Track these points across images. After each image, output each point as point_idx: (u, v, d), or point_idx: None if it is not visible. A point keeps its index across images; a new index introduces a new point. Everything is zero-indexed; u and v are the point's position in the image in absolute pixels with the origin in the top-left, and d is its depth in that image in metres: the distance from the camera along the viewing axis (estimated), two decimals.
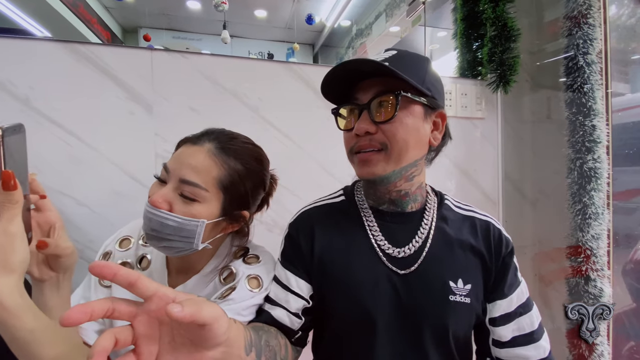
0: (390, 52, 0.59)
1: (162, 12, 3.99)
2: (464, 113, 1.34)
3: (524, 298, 0.64)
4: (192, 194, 0.56)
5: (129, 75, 0.96)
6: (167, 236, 0.56)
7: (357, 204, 0.68)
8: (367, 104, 0.57)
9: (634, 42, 1.28)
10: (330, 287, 0.62)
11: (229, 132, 0.65)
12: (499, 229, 0.66)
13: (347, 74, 0.58)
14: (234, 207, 0.62)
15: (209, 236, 0.61)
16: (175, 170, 0.58)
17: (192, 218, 0.56)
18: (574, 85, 1.14)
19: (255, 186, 0.65)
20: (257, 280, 0.64)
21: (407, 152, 0.57)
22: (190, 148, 0.60)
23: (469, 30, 1.43)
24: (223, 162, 0.59)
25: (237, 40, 4.65)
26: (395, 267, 0.61)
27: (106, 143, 0.94)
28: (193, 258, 0.64)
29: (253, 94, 1.06)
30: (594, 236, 1.11)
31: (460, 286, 0.60)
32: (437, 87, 0.60)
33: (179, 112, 0.99)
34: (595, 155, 1.10)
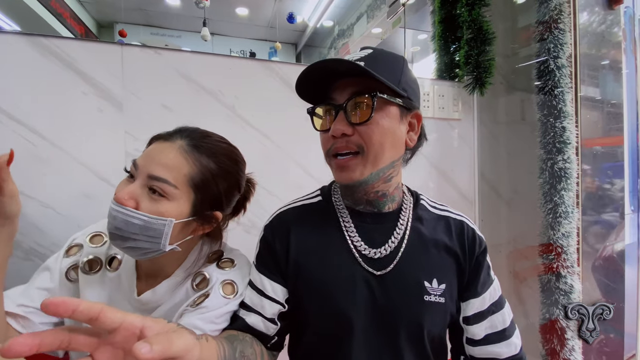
0: (366, 51, 0.58)
1: (140, 8, 3.87)
2: (442, 114, 1.36)
3: (496, 296, 0.65)
4: (161, 190, 0.54)
5: (97, 71, 0.92)
6: (133, 235, 0.53)
7: (334, 204, 0.67)
8: (343, 105, 0.56)
9: (604, 48, 1.33)
10: (305, 290, 0.62)
11: (203, 131, 0.63)
12: (472, 229, 0.67)
13: (322, 73, 0.57)
14: (205, 207, 0.60)
15: (178, 237, 0.58)
16: (144, 166, 0.55)
17: (160, 216, 0.54)
18: (545, 88, 1.17)
19: (230, 187, 0.63)
20: (232, 286, 0.62)
21: (383, 154, 0.57)
22: (161, 144, 0.58)
23: (446, 33, 1.46)
24: (195, 160, 0.57)
25: (218, 38, 4.57)
26: (372, 269, 0.60)
27: (73, 142, 0.90)
28: (163, 261, 0.62)
29: (229, 92, 1.03)
30: (564, 234, 1.15)
31: (435, 286, 0.60)
32: (413, 87, 0.60)
33: (150, 109, 0.96)
34: (565, 156, 1.14)
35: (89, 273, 0.64)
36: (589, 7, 1.27)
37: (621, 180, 1.41)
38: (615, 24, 1.34)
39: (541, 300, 1.22)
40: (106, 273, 0.64)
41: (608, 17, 1.31)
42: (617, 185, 1.41)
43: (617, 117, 1.38)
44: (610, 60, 1.33)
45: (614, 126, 1.38)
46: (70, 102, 0.89)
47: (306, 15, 4.08)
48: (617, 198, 1.42)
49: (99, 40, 1.82)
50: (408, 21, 2.17)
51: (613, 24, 1.33)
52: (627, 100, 1.44)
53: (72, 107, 0.90)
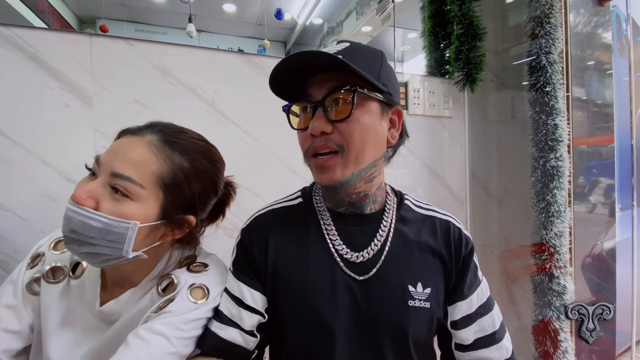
0: (343, 45, 0.55)
1: (122, 3, 3.75)
2: (432, 112, 1.32)
3: (484, 298, 0.63)
4: (125, 189, 0.49)
5: (64, 64, 0.85)
6: (90, 240, 0.48)
7: (314, 206, 0.64)
8: (321, 101, 0.53)
9: (589, 49, 1.32)
10: (285, 297, 0.58)
11: (178, 126, 0.58)
12: (458, 228, 0.64)
13: (297, 67, 0.53)
14: (176, 210, 0.54)
15: (144, 243, 0.53)
16: (108, 162, 0.50)
17: (122, 219, 0.48)
18: (537, 84, 1.15)
19: (205, 189, 0.58)
20: (203, 290, 0.56)
21: (364, 152, 0.54)
22: (128, 139, 0.53)
23: (436, 29, 1.42)
24: (166, 157, 0.52)
25: (205, 35, 4.47)
26: (354, 273, 0.58)
27: (36, 140, 0.82)
28: (128, 269, 0.56)
29: (209, 87, 0.97)
30: (556, 234, 1.13)
31: (419, 290, 0.58)
32: (392, 82, 0.57)
33: (122, 105, 0.89)
34: (558, 154, 1.12)
35: (53, 282, 0.58)
36: (579, 3, 1.25)
37: (607, 179, 1.41)
38: (602, 23, 1.32)
39: (534, 301, 1.20)
40: (70, 281, 0.59)
41: (594, 18, 1.30)
42: (602, 184, 1.40)
43: (602, 116, 1.37)
44: (596, 60, 1.32)
45: (599, 125, 1.37)
46: (33, 97, 0.82)
47: (295, 13, 4.02)
48: (605, 196, 1.41)
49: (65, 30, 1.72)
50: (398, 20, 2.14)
51: (600, 24, 1.32)
52: (616, 99, 1.43)
53: (36, 102, 0.82)
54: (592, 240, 1.37)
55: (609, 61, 1.38)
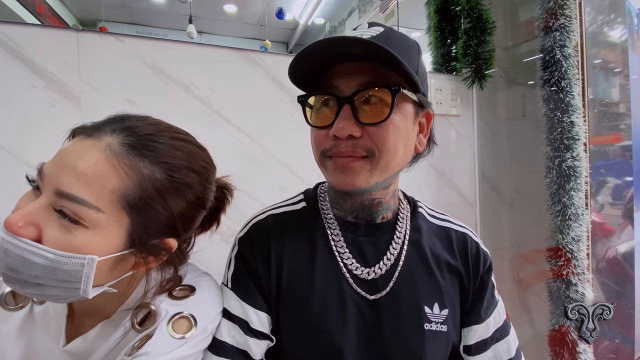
0: (377, 29, 0.46)
1: (123, 5, 3.73)
2: (440, 110, 1.26)
3: (501, 320, 0.57)
4: (75, 214, 0.38)
5: (50, 61, 0.80)
6: (34, 279, 0.37)
7: (320, 212, 0.56)
8: (350, 98, 0.44)
9: (595, 48, 1.26)
10: (289, 317, 0.51)
11: (153, 122, 0.46)
12: (476, 243, 0.58)
13: (327, 55, 0.45)
14: (149, 235, 0.43)
15: (110, 277, 0.42)
16: (52, 176, 0.39)
17: (73, 253, 0.37)
18: (552, 79, 1.08)
19: (189, 205, 0.46)
20: (188, 321, 0.45)
21: (394, 161, 0.47)
22: (82, 142, 0.41)
23: (442, 24, 1.37)
24: (130, 168, 0.40)
25: (206, 36, 4.45)
26: (364, 292, 0.51)
27: (18, 141, 0.78)
28: (98, 300, 0.44)
29: (204, 84, 0.92)
30: (574, 238, 1.06)
31: (436, 312, 0.52)
32: (426, 79, 0.51)
33: (112, 104, 0.84)
34: (574, 153, 1.05)
35: (13, 309, 0.48)
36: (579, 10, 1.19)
37: (614, 179, 1.34)
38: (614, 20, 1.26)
39: (550, 309, 1.13)
40: (34, 307, 0.49)
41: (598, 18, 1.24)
42: (610, 184, 1.34)
43: (609, 115, 1.30)
44: (602, 59, 1.26)
45: (606, 124, 1.31)
46: (16, 96, 0.78)
47: (297, 13, 3.98)
48: (619, 197, 1.35)
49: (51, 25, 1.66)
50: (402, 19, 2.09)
51: (611, 20, 1.26)
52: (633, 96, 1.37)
53: (19, 102, 0.78)
54: (606, 243, 1.31)
55: (620, 58, 1.32)
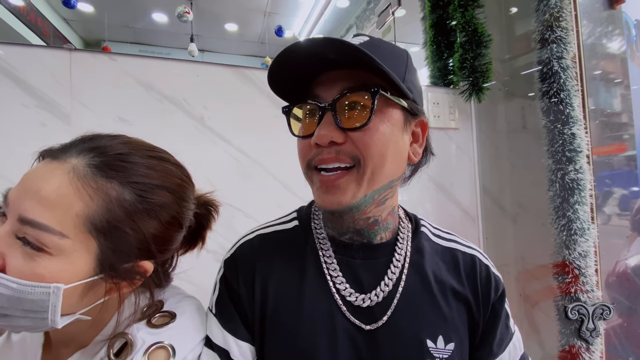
0: (362, 38, 0.46)
1: (126, 25, 3.82)
2: (438, 123, 1.25)
3: (517, 356, 0.51)
4: (38, 240, 0.36)
5: (41, 80, 0.80)
6: (0, 310, 0.36)
7: (313, 232, 0.53)
8: (332, 104, 0.43)
9: (594, 60, 1.26)
10: (274, 348, 0.47)
11: (124, 140, 0.45)
12: (486, 266, 0.53)
13: (304, 60, 0.43)
14: (120, 259, 0.41)
15: (81, 304, 0.40)
16: (15, 201, 0.38)
17: (37, 282, 0.36)
18: (550, 91, 1.07)
19: (163, 227, 0.44)
20: (166, 351, 0.43)
21: (382, 170, 0.44)
22: (46, 165, 0.40)
23: (438, 38, 1.37)
24: (95, 191, 0.39)
25: (208, 54, 4.53)
26: (359, 321, 0.47)
27: (8, 161, 0.76)
28: (73, 329, 0.43)
29: (197, 101, 0.91)
30: (581, 254, 1.02)
31: (440, 346, 0.46)
32: (417, 87, 0.48)
33: (104, 123, 0.83)
34: (577, 166, 1.02)
35: None
36: (590, 6, 1.19)
37: (626, 190, 1.31)
38: (612, 31, 1.26)
39: (559, 329, 1.08)
40: (11, 335, 0.48)
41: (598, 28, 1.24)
42: (617, 194, 1.30)
43: (612, 126, 1.28)
44: (603, 70, 1.25)
45: (608, 135, 1.29)
46: (6, 115, 0.77)
47: (296, 30, 4.05)
48: (626, 208, 1.31)
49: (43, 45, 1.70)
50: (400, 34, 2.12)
51: (609, 32, 1.25)
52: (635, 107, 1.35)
53: (9, 121, 0.77)
54: (614, 256, 1.26)
55: (620, 69, 1.31)
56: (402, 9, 1.93)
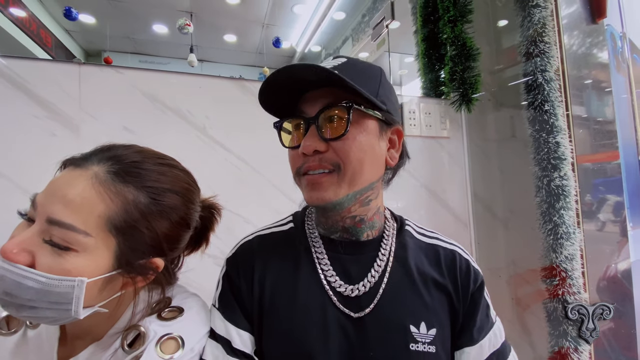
0: (340, 60, 0.53)
1: (127, 36, 3.89)
2: (429, 132, 1.30)
3: (498, 344, 0.55)
4: (65, 240, 0.41)
5: (51, 92, 0.84)
6: (29, 302, 0.40)
7: (306, 232, 0.59)
8: (314, 118, 0.50)
9: (586, 69, 1.32)
10: (271, 336, 0.52)
11: (138, 150, 0.49)
12: (466, 260, 0.58)
13: (289, 82, 0.50)
14: (136, 256, 0.46)
15: (100, 297, 0.45)
16: (44, 204, 0.42)
17: (65, 276, 0.40)
18: (535, 102, 1.12)
19: (173, 226, 0.49)
20: (176, 342, 0.47)
21: (362, 173, 0.50)
22: (70, 173, 0.44)
23: (430, 51, 1.43)
24: (114, 194, 0.43)
25: (207, 64, 4.60)
26: (348, 309, 0.52)
27: (20, 170, 0.80)
28: (89, 322, 0.47)
29: (199, 112, 0.96)
30: (567, 257, 1.06)
31: (422, 331, 0.51)
32: (392, 100, 0.54)
33: (110, 132, 0.87)
34: (562, 173, 1.07)
35: (6, 333, 0.51)
36: (572, 22, 1.25)
37: (615, 196, 1.36)
38: (597, 42, 1.33)
39: (549, 331, 1.11)
40: (27, 331, 0.52)
41: (587, 39, 1.30)
42: (611, 201, 1.35)
43: (605, 133, 1.34)
44: (593, 78, 1.31)
45: (602, 142, 1.34)
46: (18, 126, 0.81)
47: (294, 41, 4.14)
48: (615, 214, 1.36)
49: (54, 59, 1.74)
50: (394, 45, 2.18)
51: (595, 43, 1.32)
52: (618, 116, 1.41)
53: (21, 131, 0.81)
54: (605, 261, 1.30)
55: (606, 79, 1.37)
56: (396, 22, 2.00)
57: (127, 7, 3.34)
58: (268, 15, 3.62)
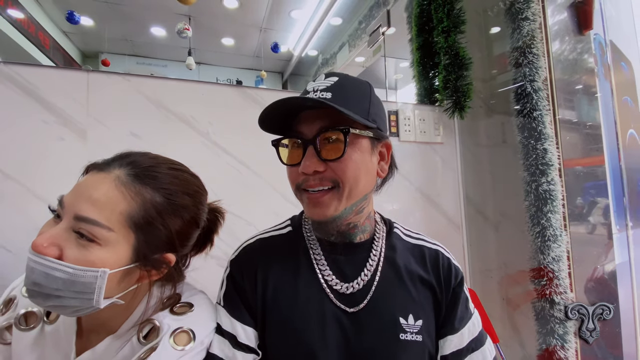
0: (332, 79, 0.56)
1: (125, 38, 3.91)
2: (424, 138, 1.35)
3: (476, 332, 0.61)
4: (91, 233, 0.45)
5: (59, 98, 0.87)
6: (55, 292, 0.44)
7: (304, 235, 0.64)
8: (313, 140, 0.53)
9: (577, 74, 1.38)
10: (272, 330, 0.57)
11: (152, 156, 0.54)
12: (447, 258, 0.64)
13: (287, 109, 0.54)
14: (152, 250, 0.50)
15: (118, 289, 0.49)
16: (71, 203, 0.46)
17: (89, 267, 0.45)
18: (524, 110, 1.18)
19: (184, 224, 0.54)
20: (188, 335, 0.52)
21: (357, 187, 0.55)
22: (94, 176, 0.49)
23: (424, 59, 1.48)
24: (134, 194, 0.48)
25: (204, 67, 4.62)
26: (344, 305, 0.57)
27: (29, 173, 0.83)
28: (105, 315, 0.52)
29: (203, 118, 1.00)
30: (554, 258, 1.11)
31: (411, 323, 0.57)
32: (380, 115, 0.59)
33: (117, 137, 0.90)
34: (549, 178, 1.12)
35: (25, 329, 0.54)
36: (560, 33, 1.31)
37: (603, 199, 1.41)
38: (586, 50, 1.38)
39: (536, 329, 1.16)
40: (44, 327, 0.55)
41: (579, 45, 1.36)
42: (600, 204, 1.40)
43: (595, 137, 1.39)
44: (583, 85, 1.37)
45: (592, 146, 1.39)
46: (28, 131, 0.84)
47: (291, 45, 4.18)
48: (604, 217, 1.41)
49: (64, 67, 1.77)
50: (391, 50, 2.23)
51: (584, 50, 1.38)
52: (604, 121, 1.47)
53: (31, 136, 0.84)
54: (592, 263, 1.35)
55: (595, 85, 1.43)
56: (392, 27, 2.05)
57: (126, 9, 3.36)
58: (266, 19, 3.66)
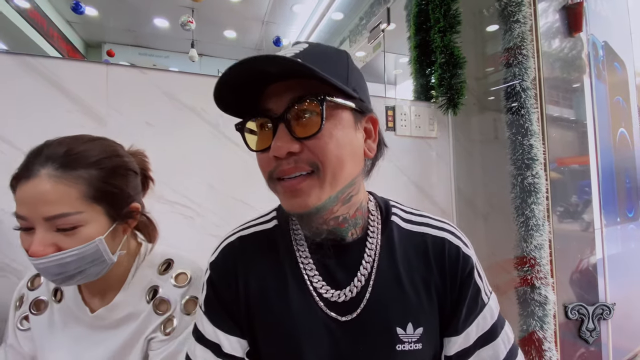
0: (301, 46, 0.47)
1: (128, 29, 3.94)
2: (419, 133, 1.42)
3: (487, 326, 0.52)
4: (69, 223, 0.52)
5: (82, 89, 0.94)
6: (76, 270, 0.53)
7: (290, 234, 0.55)
8: (283, 116, 0.44)
9: (575, 72, 1.44)
10: (263, 341, 0.52)
11: (58, 142, 0.55)
12: (456, 247, 0.53)
13: (248, 76, 0.43)
14: (119, 208, 0.58)
15: (115, 244, 0.59)
16: (33, 212, 0.51)
17: (87, 243, 0.53)
18: (513, 108, 1.25)
19: (124, 178, 0.60)
20: (194, 302, 0.63)
21: (342, 170, 0.45)
22: (28, 184, 0.51)
23: (421, 57, 1.55)
24: (74, 179, 0.52)
25: (206, 59, 4.66)
26: (335, 314, 0.50)
27: None
28: (111, 273, 0.61)
29: (213, 109, 1.06)
30: (536, 246, 1.20)
31: (409, 332, 0.50)
32: (363, 87, 0.50)
33: (133, 125, 0.98)
34: (534, 172, 1.20)
35: (38, 314, 0.65)
36: (550, 35, 1.38)
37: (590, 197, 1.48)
38: (577, 50, 1.46)
39: (518, 312, 1.25)
40: (54, 307, 0.65)
41: (569, 46, 1.43)
42: (587, 199, 1.48)
43: (582, 135, 1.47)
44: (571, 84, 1.44)
45: (581, 146, 1.47)
46: (54, 120, 0.91)
47: (293, 39, 4.23)
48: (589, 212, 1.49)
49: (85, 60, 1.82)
50: (391, 45, 2.28)
51: (575, 51, 1.45)
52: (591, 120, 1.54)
53: (56, 125, 0.91)
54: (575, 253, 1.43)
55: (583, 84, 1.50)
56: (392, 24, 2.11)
57: (130, 0, 3.39)
58: (268, 13, 3.70)
